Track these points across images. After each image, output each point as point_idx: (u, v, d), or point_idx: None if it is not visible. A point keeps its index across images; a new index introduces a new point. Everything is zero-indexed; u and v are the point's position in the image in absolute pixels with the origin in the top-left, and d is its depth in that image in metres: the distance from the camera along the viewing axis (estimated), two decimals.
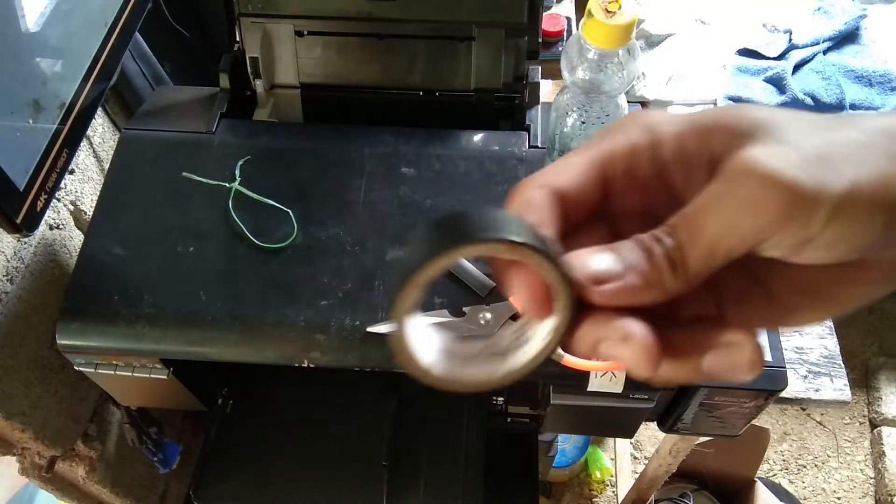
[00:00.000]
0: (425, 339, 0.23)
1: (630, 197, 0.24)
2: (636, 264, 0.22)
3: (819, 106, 1.37)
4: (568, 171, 0.24)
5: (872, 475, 1.49)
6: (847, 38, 1.48)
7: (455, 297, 0.60)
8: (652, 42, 1.59)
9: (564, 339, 0.23)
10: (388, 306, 0.22)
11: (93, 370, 0.65)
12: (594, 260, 0.22)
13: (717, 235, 0.20)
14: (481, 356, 0.24)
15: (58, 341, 0.62)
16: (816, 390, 0.74)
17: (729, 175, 0.20)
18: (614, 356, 0.22)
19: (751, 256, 0.22)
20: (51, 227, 0.75)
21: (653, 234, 0.22)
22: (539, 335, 0.23)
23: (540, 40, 0.72)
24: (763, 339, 0.60)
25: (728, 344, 0.22)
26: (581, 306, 0.22)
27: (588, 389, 0.59)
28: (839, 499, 1.47)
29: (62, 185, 0.77)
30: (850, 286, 0.22)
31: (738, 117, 0.21)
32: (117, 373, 0.65)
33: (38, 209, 0.58)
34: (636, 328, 0.21)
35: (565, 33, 1.08)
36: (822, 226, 0.19)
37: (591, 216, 0.24)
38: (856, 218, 0.19)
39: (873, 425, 1.52)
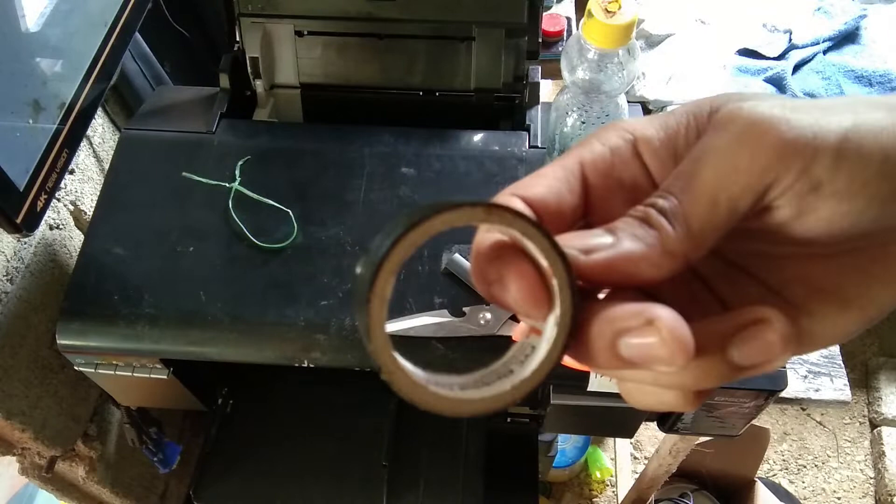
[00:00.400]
0: (406, 363, 0.20)
1: (613, 203, 0.22)
2: (632, 230, 0.19)
3: None
4: (542, 181, 0.22)
5: (872, 475, 1.49)
6: (847, 38, 1.48)
7: (455, 297, 0.60)
8: (652, 42, 1.59)
9: (572, 331, 0.20)
10: (358, 298, 0.19)
11: (93, 370, 0.65)
12: (583, 234, 0.20)
13: (716, 183, 0.19)
14: (482, 381, 0.21)
15: (58, 341, 0.62)
16: (816, 390, 0.74)
17: (718, 125, 0.19)
18: (640, 352, 0.18)
19: (766, 256, 0.21)
20: (51, 227, 0.75)
21: (646, 202, 0.20)
22: (544, 337, 0.20)
23: (540, 40, 0.72)
24: None
25: (754, 322, 0.18)
26: (586, 297, 0.20)
27: (588, 389, 0.59)
28: (839, 499, 1.47)
29: (62, 185, 0.77)
30: (874, 285, 0.20)
31: (726, 95, 0.21)
32: (117, 373, 0.65)
33: (38, 209, 0.58)
34: (659, 309, 0.18)
35: (565, 33, 1.08)
36: (831, 167, 0.18)
37: (572, 226, 0.22)
38: (867, 160, 0.18)
39: (873, 425, 1.52)
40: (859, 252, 0.20)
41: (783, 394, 0.59)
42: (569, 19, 1.12)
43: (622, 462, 1.46)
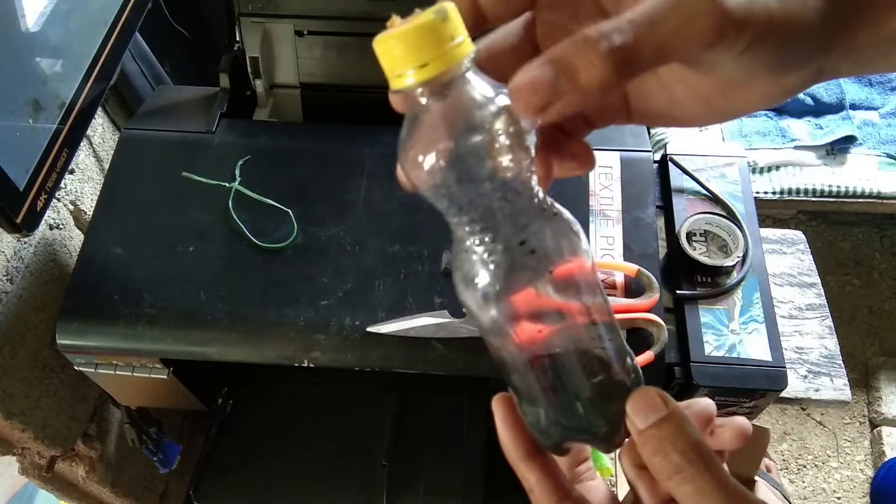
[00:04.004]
0: None
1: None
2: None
3: (819, 105, 1.37)
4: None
5: (872, 475, 1.49)
6: None
7: (455, 297, 0.60)
8: None
9: None
10: None
11: (93, 370, 0.65)
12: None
13: (665, 44, 0.22)
14: None
15: (58, 341, 0.62)
16: (816, 390, 0.74)
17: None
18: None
19: (669, 66, 0.25)
20: (51, 227, 0.75)
21: (615, 27, 0.23)
22: None
23: None
24: (763, 339, 0.60)
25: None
26: None
27: None
28: (839, 499, 1.47)
29: (62, 185, 0.77)
30: (732, 102, 0.26)
31: None
32: (117, 373, 0.65)
33: (38, 209, 0.58)
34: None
35: None
36: (741, 51, 0.22)
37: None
38: (764, 49, 0.22)
39: (873, 425, 1.52)
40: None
41: (783, 394, 0.59)
42: None
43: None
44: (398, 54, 0.24)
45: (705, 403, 0.29)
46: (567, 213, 0.27)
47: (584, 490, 0.31)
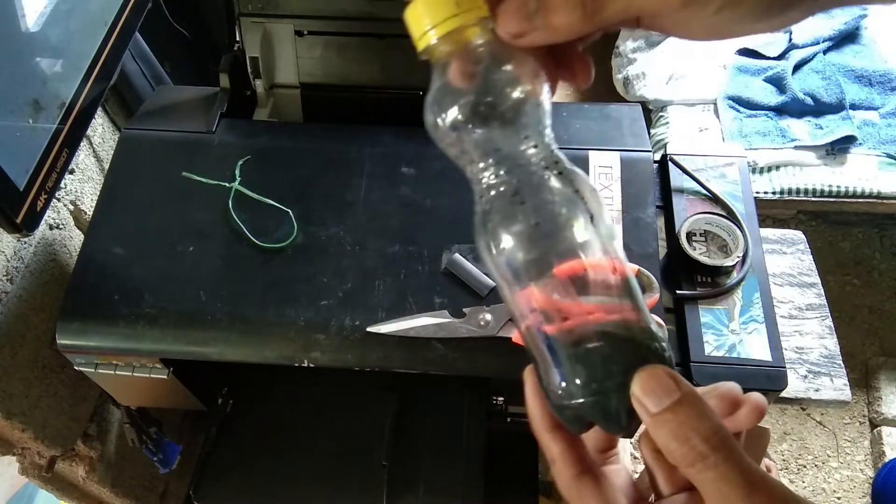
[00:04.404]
0: None
1: None
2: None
3: (819, 105, 1.37)
4: None
5: (872, 475, 1.49)
6: (847, 37, 1.48)
7: (455, 297, 0.60)
8: (652, 42, 1.59)
9: None
10: None
11: (93, 370, 0.65)
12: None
13: (630, 3, 0.25)
14: None
15: (58, 341, 0.62)
16: (816, 390, 0.74)
17: None
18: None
19: None
20: (51, 227, 0.75)
21: None
22: None
23: None
24: (763, 339, 0.60)
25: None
26: None
27: None
28: (839, 499, 1.47)
29: (62, 185, 0.77)
30: (732, 30, 0.27)
31: None
32: (117, 373, 0.65)
33: (38, 209, 0.58)
34: None
35: None
36: (716, 9, 0.24)
37: None
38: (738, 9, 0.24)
39: (873, 425, 1.52)
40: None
41: (783, 394, 0.59)
42: None
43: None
44: (422, 15, 0.28)
45: (731, 385, 0.28)
46: (580, 173, 0.28)
47: (606, 472, 0.30)
